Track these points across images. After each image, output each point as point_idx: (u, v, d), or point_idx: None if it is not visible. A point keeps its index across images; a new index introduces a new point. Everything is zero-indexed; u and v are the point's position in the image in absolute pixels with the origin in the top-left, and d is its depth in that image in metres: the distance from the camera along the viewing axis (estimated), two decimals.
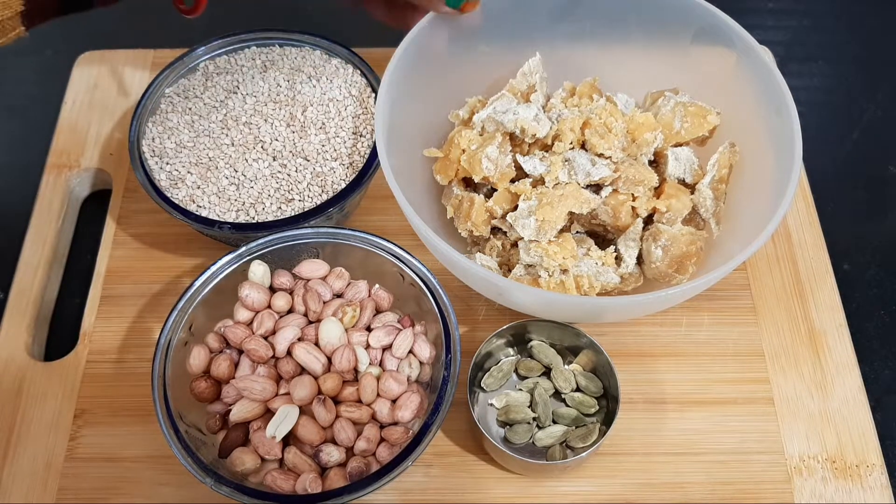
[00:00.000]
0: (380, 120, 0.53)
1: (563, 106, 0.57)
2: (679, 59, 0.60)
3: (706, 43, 0.58)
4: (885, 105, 0.74)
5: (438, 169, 0.57)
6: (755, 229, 0.50)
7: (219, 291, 0.52)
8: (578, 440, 0.52)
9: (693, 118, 0.56)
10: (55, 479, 0.52)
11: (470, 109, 0.60)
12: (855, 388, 0.56)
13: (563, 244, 0.52)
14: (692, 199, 0.55)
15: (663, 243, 0.53)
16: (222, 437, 0.49)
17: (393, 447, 0.48)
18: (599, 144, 0.54)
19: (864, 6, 0.82)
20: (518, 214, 0.53)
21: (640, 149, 0.55)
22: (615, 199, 0.54)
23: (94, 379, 0.56)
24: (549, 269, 0.53)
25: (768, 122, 0.55)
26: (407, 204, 0.50)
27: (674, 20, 0.59)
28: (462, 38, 0.59)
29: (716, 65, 0.58)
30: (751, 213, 0.54)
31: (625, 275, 0.54)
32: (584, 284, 0.52)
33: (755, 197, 0.55)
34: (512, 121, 0.54)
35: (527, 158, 0.54)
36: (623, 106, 0.59)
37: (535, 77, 0.59)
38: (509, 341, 0.55)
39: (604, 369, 0.53)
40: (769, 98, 0.55)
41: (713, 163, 0.55)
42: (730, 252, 0.51)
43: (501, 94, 0.58)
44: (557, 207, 0.52)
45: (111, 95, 0.69)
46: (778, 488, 0.52)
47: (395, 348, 0.51)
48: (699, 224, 0.56)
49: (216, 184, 0.56)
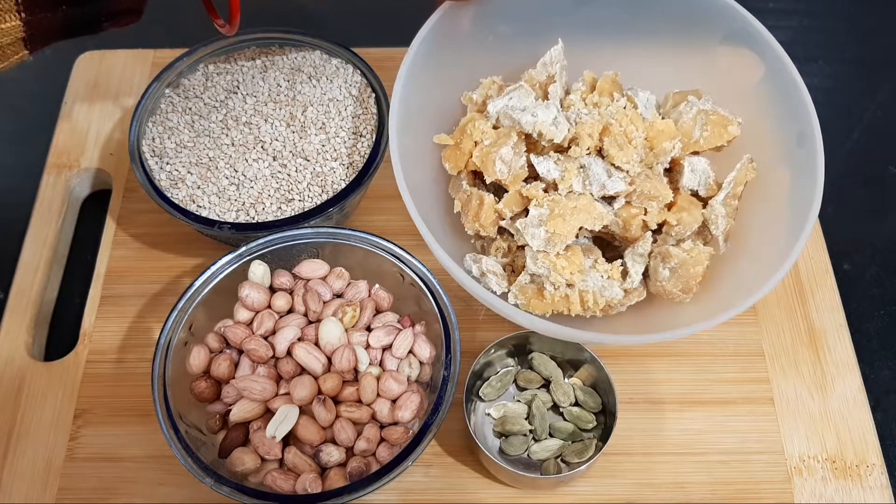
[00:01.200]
0: (396, 100, 0.52)
1: (582, 104, 0.55)
2: (704, 59, 0.58)
3: (735, 46, 0.56)
4: (885, 105, 0.74)
5: (448, 157, 0.55)
6: (763, 255, 0.49)
7: (219, 291, 0.52)
8: (574, 455, 0.51)
9: (714, 127, 0.54)
10: (55, 479, 0.52)
11: (484, 92, 0.57)
12: (855, 388, 0.56)
13: (572, 258, 0.51)
14: (703, 214, 0.53)
15: (672, 266, 0.51)
16: (222, 437, 0.49)
17: (393, 447, 0.48)
18: (618, 156, 0.52)
19: (864, 6, 0.82)
20: (528, 222, 0.51)
21: (658, 157, 0.53)
22: (627, 212, 0.52)
23: (94, 379, 0.56)
24: (556, 283, 0.51)
25: (787, 143, 0.54)
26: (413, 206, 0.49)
27: (703, 18, 0.57)
28: (482, 19, 0.57)
29: (742, 72, 0.57)
30: (760, 234, 0.53)
31: (629, 289, 0.53)
32: (588, 300, 0.51)
33: (767, 216, 0.54)
34: (530, 123, 0.52)
35: (541, 160, 0.52)
36: (643, 106, 0.56)
37: (555, 67, 0.57)
38: (510, 351, 0.55)
39: (604, 385, 0.53)
40: (793, 118, 0.53)
41: (730, 180, 0.53)
42: (735, 270, 0.50)
43: (519, 86, 0.55)
44: (569, 221, 0.50)
45: (111, 95, 0.69)
46: (778, 488, 0.52)
47: (395, 348, 0.51)
48: (707, 238, 0.55)
49: (216, 184, 0.56)
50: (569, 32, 0.58)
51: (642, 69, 0.59)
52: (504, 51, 0.59)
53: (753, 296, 0.48)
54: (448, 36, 0.56)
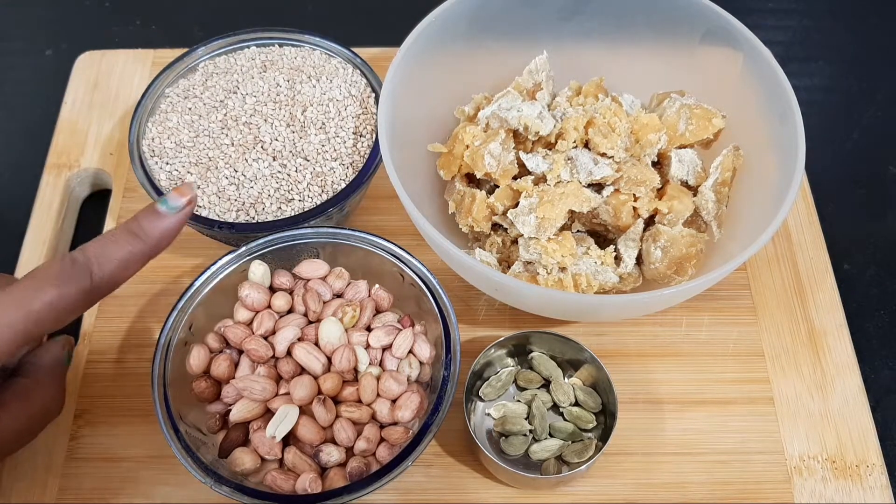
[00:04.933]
0: (383, 112, 0.53)
1: (567, 105, 0.57)
2: (686, 60, 0.60)
3: (713, 45, 0.58)
4: (885, 105, 0.74)
5: (442, 164, 0.58)
6: (756, 232, 0.50)
7: (219, 291, 0.52)
8: (574, 455, 0.51)
9: (698, 121, 0.56)
10: (55, 479, 0.52)
11: (476, 106, 0.60)
12: (855, 388, 0.56)
13: (563, 242, 0.52)
14: (694, 202, 0.55)
15: (663, 244, 0.53)
16: (222, 437, 0.49)
17: (393, 447, 0.48)
18: (602, 143, 0.54)
19: (864, 6, 0.82)
20: (518, 211, 0.53)
21: (644, 149, 0.55)
22: (616, 199, 0.54)
23: (94, 379, 0.56)
24: (548, 267, 0.53)
25: (772, 127, 0.55)
26: (405, 195, 0.50)
27: (682, 21, 0.59)
28: (469, 34, 0.59)
29: (722, 67, 0.58)
30: (752, 217, 0.54)
31: (623, 275, 0.54)
32: (581, 283, 0.52)
33: (757, 201, 0.54)
34: (516, 118, 0.54)
35: (530, 156, 0.54)
36: (628, 106, 0.59)
37: (541, 75, 0.59)
38: (510, 351, 0.55)
39: (604, 385, 0.53)
40: (774, 103, 0.55)
41: (716, 165, 0.55)
42: (730, 255, 0.51)
43: (507, 92, 0.58)
44: (558, 205, 0.52)
45: (111, 95, 0.69)
46: (778, 488, 0.52)
47: (395, 348, 0.51)
48: (700, 226, 0.56)
49: (216, 184, 0.56)
50: (555, 46, 0.61)
51: (627, 76, 0.61)
52: (491, 66, 0.61)
53: (744, 253, 0.48)
54: (430, 51, 0.58)
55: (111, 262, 0.44)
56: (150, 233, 0.45)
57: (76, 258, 0.44)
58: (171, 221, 0.46)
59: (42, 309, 0.42)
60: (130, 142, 0.58)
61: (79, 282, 0.43)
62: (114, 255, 0.44)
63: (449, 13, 0.58)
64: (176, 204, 0.46)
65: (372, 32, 0.71)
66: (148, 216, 0.46)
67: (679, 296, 0.50)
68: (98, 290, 0.44)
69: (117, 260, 0.44)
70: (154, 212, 0.46)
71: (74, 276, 0.43)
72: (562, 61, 0.61)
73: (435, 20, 0.57)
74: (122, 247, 0.45)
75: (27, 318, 0.42)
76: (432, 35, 0.57)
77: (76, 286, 0.43)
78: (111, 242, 0.45)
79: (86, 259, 0.44)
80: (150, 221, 0.46)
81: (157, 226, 0.46)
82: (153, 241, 0.46)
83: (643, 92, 0.61)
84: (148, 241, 0.45)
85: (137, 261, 0.45)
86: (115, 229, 0.45)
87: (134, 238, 0.45)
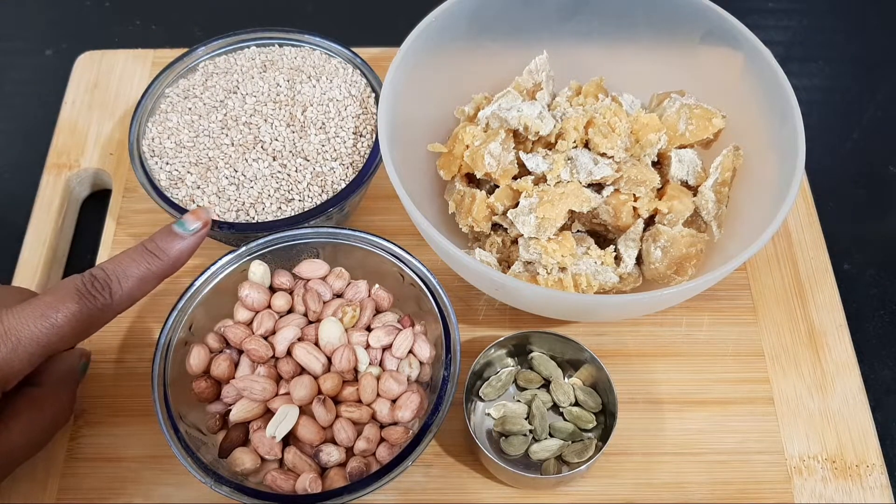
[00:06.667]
0: (383, 112, 0.53)
1: (567, 105, 0.58)
2: (686, 60, 0.60)
3: (714, 45, 0.58)
4: (885, 105, 0.74)
5: (442, 164, 0.58)
6: (756, 232, 0.50)
7: (219, 291, 0.52)
8: (574, 455, 0.51)
9: (698, 121, 0.56)
10: (55, 479, 0.52)
11: (476, 106, 0.60)
12: (855, 388, 0.56)
13: (563, 242, 0.52)
14: (694, 202, 0.55)
15: (663, 244, 0.53)
16: (222, 437, 0.49)
17: (393, 447, 0.48)
18: (602, 143, 0.54)
19: (864, 6, 0.82)
20: (518, 211, 0.53)
21: (644, 149, 0.55)
22: (616, 199, 0.54)
23: (94, 379, 0.56)
24: (548, 267, 0.53)
25: (772, 127, 0.55)
26: (405, 195, 0.50)
27: (682, 21, 0.59)
28: (469, 34, 0.59)
29: (723, 67, 0.58)
30: (752, 217, 0.54)
31: (623, 275, 0.54)
32: (581, 283, 0.52)
33: (757, 201, 0.54)
34: (516, 118, 0.55)
35: (530, 156, 0.54)
36: (629, 106, 0.59)
37: (541, 75, 0.59)
38: (510, 351, 0.55)
39: (604, 385, 0.53)
40: (774, 103, 0.55)
41: (716, 165, 0.55)
42: (730, 255, 0.51)
43: (507, 91, 0.58)
44: (558, 205, 0.52)
45: (111, 95, 0.69)
46: (778, 488, 0.52)
47: (395, 348, 0.51)
48: (701, 227, 0.56)
49: (216, 184, 0.56)
50: (555, 46, 0.61)
51: (627, 76, 0.61)
52: (492, 66, 0.61)
53: (744, 254, 0.48)
54: (430, 52, 0.58)
55: (129, 279, 0.46)
56: (167, 252, 0.48)
57: (96, 275, 0.46)
58: (188, 242, 0.49)
59: (65, 323, 0.44)
60: (130, 142, 0.58)
61: (99, 297, 0.45)
62: (132, 272, 0.47)
63: (449, 13, 0.58)
64: (192, 227, 0.49)
65: (372, 32, 0.71)
66: (165, 237, 0.48)
67: (679, 296, 0.50)
68: (116, 306, 0.46)
69: (135, 277, 0.47)
70: (171, 232, 0.48)
71: (95, 291, 0.45)
72: (562, 61, 0.61)
73: (435, 20, 0.57)
74: (139, 265, 0.47)
75: (50, 332, 0.43)
76: (432, 35, 0.57)
77: (96, 301, 0.45)
78: (129, 260, 0.47)
79: (105, 276, 0.46)
80: (167, 242, 0.48)
81: (173, 246, 0.48)
82: (170, 260, 0.48)
83: (643, 92, 0.61)
84: (165, 259, 0.48)
85: (154, 278, 0.48)
86: (133, 248, 0.48)
87: (151, 257, 0.47)
